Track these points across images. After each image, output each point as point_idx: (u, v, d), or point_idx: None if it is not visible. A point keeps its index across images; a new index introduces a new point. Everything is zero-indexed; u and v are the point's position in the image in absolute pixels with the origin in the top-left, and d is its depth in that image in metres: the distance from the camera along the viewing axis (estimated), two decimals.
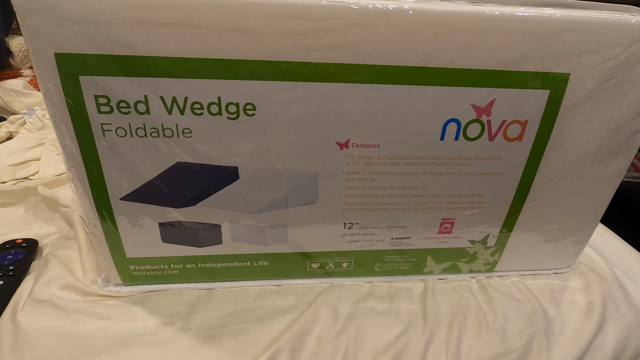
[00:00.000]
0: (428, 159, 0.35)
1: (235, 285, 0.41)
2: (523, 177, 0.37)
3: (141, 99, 0.29)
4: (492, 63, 0.31)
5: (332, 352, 0.35)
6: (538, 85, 0.32)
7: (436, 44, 0.30)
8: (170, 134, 0.31)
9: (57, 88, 0.28)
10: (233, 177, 0.34)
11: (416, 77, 0.31)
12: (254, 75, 0.29)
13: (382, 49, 0.29)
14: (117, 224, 0.35)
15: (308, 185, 0.35)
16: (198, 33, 0.27)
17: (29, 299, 0.37)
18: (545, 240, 0.43)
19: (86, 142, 0.31)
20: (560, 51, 0.31)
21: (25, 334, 0.34)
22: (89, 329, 0.35)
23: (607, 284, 0.44)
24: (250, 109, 0.31)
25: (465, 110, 0.33)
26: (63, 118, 0.29)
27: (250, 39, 0.28)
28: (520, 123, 0.34)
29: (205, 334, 0.36)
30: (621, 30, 0.31)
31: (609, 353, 0.38)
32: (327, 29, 0.28)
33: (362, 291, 0.41)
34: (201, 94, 0.30)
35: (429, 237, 0.41)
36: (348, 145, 0.34)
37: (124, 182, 0.33)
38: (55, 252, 0.43)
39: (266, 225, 0.37)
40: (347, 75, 0.30)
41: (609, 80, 0.32)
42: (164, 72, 0.28)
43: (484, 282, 0.44)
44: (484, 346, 0.37)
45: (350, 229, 0.39)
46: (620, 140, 0.36)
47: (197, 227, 0.37)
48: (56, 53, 0.27)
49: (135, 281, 0.40)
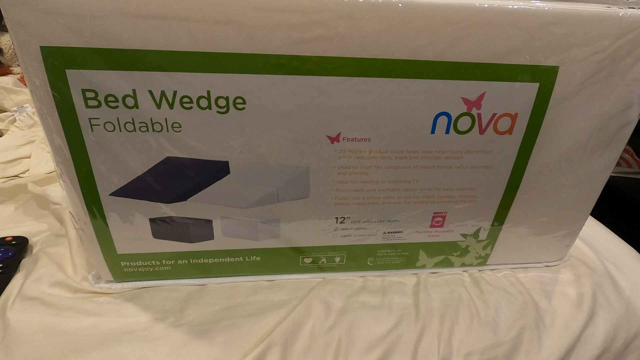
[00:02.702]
0: (419, 152, 0.35)
1: (228, 281, 0.41)
2: (514, 170, 0.37)
3: (129, 93, 0.29)
4: (482, 56, 0.31)
5: (325, 345, 0.35)
6: (527, 78, 0.32)
7: (426, 37, 0.30)
8: (159, 128, 0.31)
9: (43, 82, 0.28)
10: (224, 171, 0.34)
11: (406, 71, 0.31)
12: (244, 68, 0.29)
13: (372, 42, 0.29)
14: (107, 220, 0.35)
15: (299, 179, 0.35)
16: (186, 26, 0.27)
17: (19, 297, 0.36)
18: (536, 233, 0.43)
19: (74, 137, 0.30)
20: (550, 44, 0.31)
21: (14, 331, 0.33)
22: (79, 325, 0.35)
23: (598, 276, 0.44)
24: (240, 102, 0.30)
25: (456, 103, 0.33)
26: (50, 113, 0.29)
27: (239, 32, 0.28)
28: (511, 116, 0.34)
29: (198, 329, 0.35)
30: (609, 23, 0.31)
31: (598, 344, 0.39)
32: (316, 22, 0.28)
33: (354, 285, 0.41)
34: (190, 88, 0.29)
35: (421, 231, 0.41)
36: (339, 139, 0.33)
37: (113, 178, 0.33)
38: (45, 250, 0.42)
39: (258, 220, 0.37)
40: (337, 69, 0.30)
41: (598, 73, 0.33)
42: (152, 66, 0.28)
43: (476, 276, 0.44)
44: (476, 338, 0.37)
45: (342, 223, 0.39)
46: (609, 133, 0.36)
47: (188, 222, 0.37)
48: (42, 46, 0.27)
49: (127, 278, 0.40)
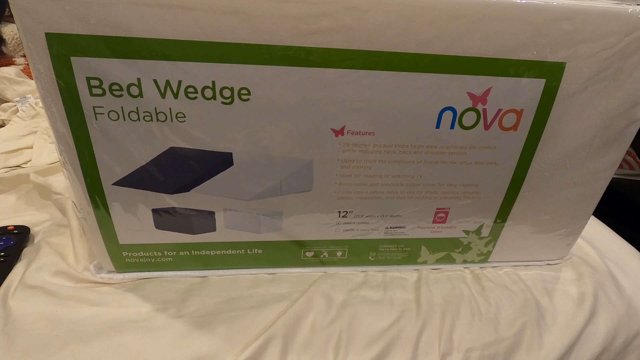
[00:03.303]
0: (423, 147, 0.35)
1: (229, 274, 0.41)
2: (518, 167, 0.37)
3: (134, 81, 0.29)
4: (489, 51, 0.31)
5: (326, 339, 0.35)
6: (534, 74, 0.32)
7: (433, 31, 0.29)
8: (163, 118, 0.31)
9: (48, 69, 0.28)
10: (227, 163, 0.34)
11: (412, 64, 0.30)
12: (249, 59, 0.29)
13: (379, 35, 0.29)
14: (110, 209, 0.35)
15: (303, 172, 0.35)
16: (192, 15, 0.27)
17: (20, 285, 0.37)
18: (539, 231, 0.43)
19: (78, 126, 0.30)
20: (557, 40, 0.31)
21: (16, 319, 0.33)
22: (81, 315, 0.35)
23: (599, 275, 0.44)
24: (245, 93, 0.30)
25: (461, 98, 0.32)
26: (54, 100, 0.29)
27: (245, 22, 0.28)
28: (516, 112, 0.34)
29: (198, 320, 0.35)
30: (618, 20, 0.30)
31: (599, 342, 0.39)
32: (323, 13, 0.28)
33: (356, 280, 0.41)
34: (195, 78, 0.29)
35: (424, 226, 0.41)
36: (343, 133, 0.33)
37: (116, 167, 0.33)
38: (47, 239, 0.42)
39: (260, 212, 0.37)
40: (342, 61, 0.30)
41: (605, 70, 0.32)
42: (158, 55, 0.28)
43: (478, 273, 0.44)
44: (477, 334, 0.37)
45: (344, 217, 0.39)
46: (614, 132, 0.36)
47: (191, 213, 0.36)
48: (47, 33, 0.26)
49: (128, 268, 0.40)
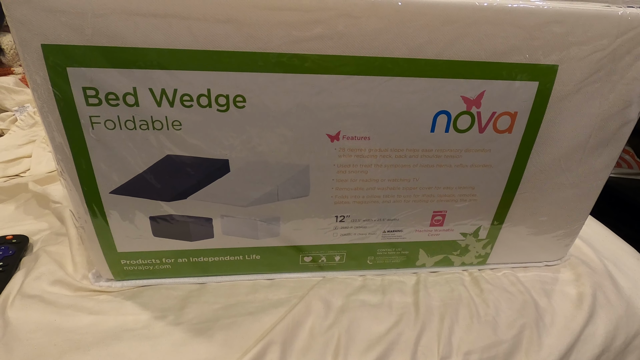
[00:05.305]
0: (419, 151, 0.35)
1: (228, 280, 0.41)
2: (513, 169, 0.37)
3: (130, 90, 0.29)
4: (482, 54, 0.31)
5: (324, 344, 0.35)
6: (527, 76, 0.32)
7: (426, 35, 0.30)
8: (159, 126, 0.31)
9: (44, 80, 0.28)
10: (224, 170, 0.34)
11: (406, 69, 0.31)
12: (244, 66, 0.29)
13: (372, 40, 0.29)
14: (108, 218, 0.35)
15: (299, 178, 0.35)
16: (186, 24, 0.27)
17: (19, 294, 0.37)
18: (536, 232, 0.43)
19: (75, 135, 0.30)
20: (549, 43, 0.31)
21: (14, 328, 0.33)
22: (79, 323, 0.35)
23: (598, 276, 0.44)
24: (240, 101, 0.31)
25: (455, 102, 0.33)
26: (51, 110, 0.29)
27: (239, 30, 0.28)
28: (510, 115, 0.34)
29: (197, 327, 0.35)
30: (609, 22, 0.31)
31: (598, 343, 0.38)
32: (317, 20, 0.28)
33: (354, 284, 0.41)
34: (190, 86, 0.30)
35: (421, 229, 0.41)
36: (339, 138, 0.34)
37: (113, 176, 0.33)
38: (45, 248, 0.42)
39: (258, 218, 0.37)
40: (337, 67, 0.30)
41: (597, 71, 0.33)
42: (153, 64, 0.28)
43: (476, 275, 0.44)
44: (476, 337, 0.37)
45: (342, 222, 0.39)
46: (609, 132, 0.36)
47: (188, 220, 0.37)
48: (43, 44, 0.27)
49: (127, 276, 0.40)
